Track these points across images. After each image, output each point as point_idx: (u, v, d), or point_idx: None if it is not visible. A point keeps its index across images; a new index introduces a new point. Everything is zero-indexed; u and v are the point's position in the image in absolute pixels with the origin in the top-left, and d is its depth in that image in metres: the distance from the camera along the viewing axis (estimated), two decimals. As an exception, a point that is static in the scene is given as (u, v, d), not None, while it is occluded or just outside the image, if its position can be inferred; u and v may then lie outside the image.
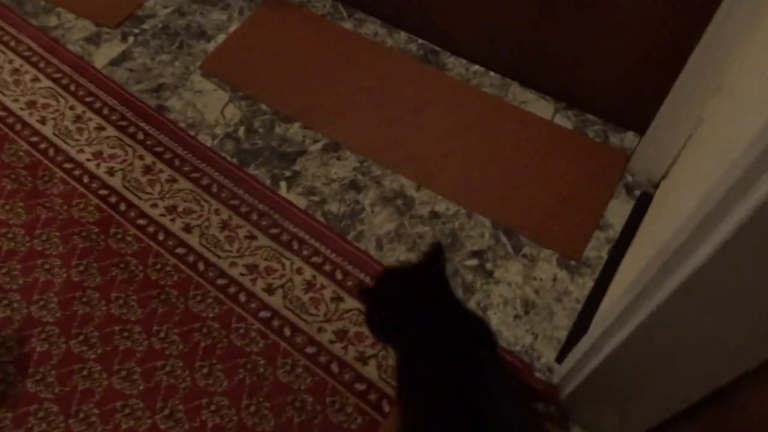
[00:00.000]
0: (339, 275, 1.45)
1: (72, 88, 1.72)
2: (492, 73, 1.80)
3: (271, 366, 1.33)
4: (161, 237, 1.49)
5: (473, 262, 1.47)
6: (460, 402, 0.91)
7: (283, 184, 1.59)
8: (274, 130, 1.68)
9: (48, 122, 1.66)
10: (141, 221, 1.51)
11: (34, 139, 1.63)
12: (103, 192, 1.55)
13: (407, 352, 1.05)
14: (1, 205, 1.52)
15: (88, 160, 1.59)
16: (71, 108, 1.68)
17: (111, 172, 1.58)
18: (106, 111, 1.68)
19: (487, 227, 1.52)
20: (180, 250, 1.47)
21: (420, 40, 1.86)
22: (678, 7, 1.37)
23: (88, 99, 1.70)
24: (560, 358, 1.35)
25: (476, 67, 1.81)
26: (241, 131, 1.67)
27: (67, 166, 1.58)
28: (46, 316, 1.38)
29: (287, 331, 1.37)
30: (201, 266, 1.45)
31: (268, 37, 1.85)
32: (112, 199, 1.54)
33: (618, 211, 1.56)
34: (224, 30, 1.86)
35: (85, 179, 1.56)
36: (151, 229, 1.50)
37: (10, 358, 1.34)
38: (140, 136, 1.64)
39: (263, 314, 1.39)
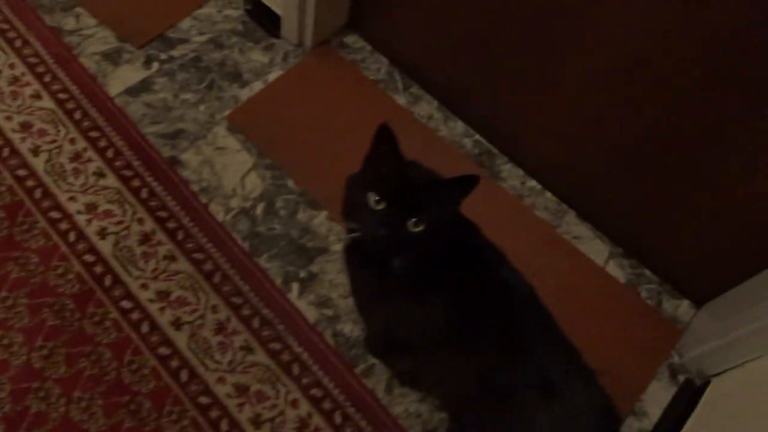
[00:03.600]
0: (338, 419, 1.26)
1: (77, 116, 1.48)
2: (549, 194, 1.60)
3: None
4: (145, 329, 1.28)
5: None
6: None
7: (295, 287, 1.39)
8: (297, 215, 1.46)
9: (41, 154, 1.42)
10: (125, 303, 1.30)
11: (21, 172, 1.40)
12: (88, 258, 1.33)
13: None
14: (-33, 250, 1.30)
15: (78, 212, 1.37)
16: (71, 141, 1.45)
17: (103, 233, 1.36)
18: (110, 153, 1.45)
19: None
20: (163, 350, 1.27)
21: (477, 136, 1.65)
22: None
23: (93, 134, 1.46)
24: None
25: (533, 183, 1.61)
26: (260, 209, 1.46)
27: (53, 215, 1.36)
28: (-7, 407, 1.18)
29: (267, 480, 1.19)
30: (184, 376, 1.25)
31: (309, 97, 1.62)
32: (98, 269, 1.32)
33: (657, 398, 1.39)
34: (262, 76, 1.63)
35: (71, 237, 1.35)
36: (135, 316, 1.29)
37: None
38: (144, 194, 1.42)
39: (244, 453, 1.21)
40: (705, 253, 1.41)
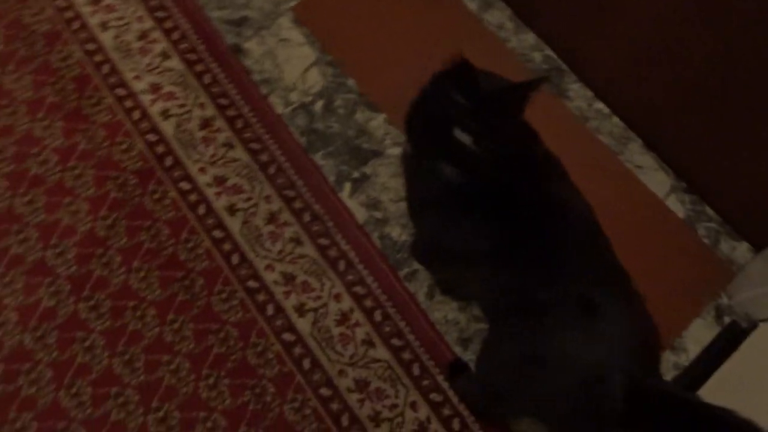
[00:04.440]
0: (378, 317, 1.30)
1: (145, -7, 1.48)
2: (615, 119, 1.53)
3: (280, 398, 1.23)
4: (201, 211, 1.33)
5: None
6: None
7: (347, 186, 1.40)
8: (354, 115, 1.45)
9: (110, 30, 1.44)
10: (184, 185, 1.34)
11: (90, 46, 1.42)
12: (151, 138, 1.37)
13: None
14: (39, 118, 1.35)
15: (143, 92, 1.39)
16: (139, 20, 1.45)
17: (165, 114, 1.39)
18: (176, 36, 1.45)
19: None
20: (217, 234, 1.32)
21: (547, 51, 1.57)
22: None
23: (160, 14, 1.46)
24: None
25: (600, 105, 1.54)
26: (319, 106, 1.45)
27: (120, 92, 1.39)
28: (59, 267, 1.27)
29: (306, 363, 1.26)
30: (235, 259, 1.31)
31: (379, -6, 1.56)
32: (159, 149, 1.36)
33: (699, 337, 1.37)
34: (332, -32, 1.57)
35: (135, 115, 1.38)
36: (193, 197, 1.34)
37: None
38: (207, 79, 1.42)
39: (286, 336, 1.27)
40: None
